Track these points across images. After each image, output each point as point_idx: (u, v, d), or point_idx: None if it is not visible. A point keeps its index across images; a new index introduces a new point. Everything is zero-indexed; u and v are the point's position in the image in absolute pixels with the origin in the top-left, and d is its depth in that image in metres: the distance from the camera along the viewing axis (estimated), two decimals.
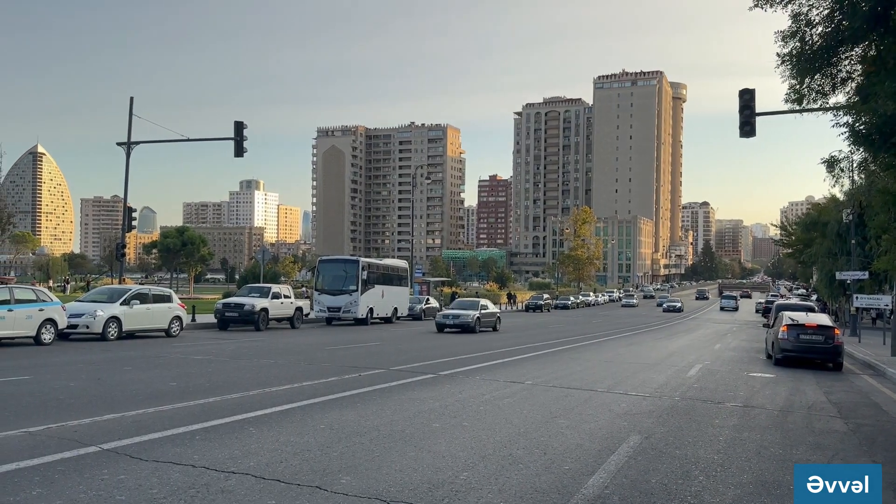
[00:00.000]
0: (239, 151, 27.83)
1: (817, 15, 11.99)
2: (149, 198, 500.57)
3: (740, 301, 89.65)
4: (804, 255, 61.48)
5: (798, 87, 12.96)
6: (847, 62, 12.67)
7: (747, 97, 20.05)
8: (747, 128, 20.05)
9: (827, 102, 13.71)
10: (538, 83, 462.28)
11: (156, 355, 16.00)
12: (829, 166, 16.10)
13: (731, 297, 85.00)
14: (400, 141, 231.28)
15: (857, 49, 12.38)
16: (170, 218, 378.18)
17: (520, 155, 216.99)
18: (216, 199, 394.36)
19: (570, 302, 72.53)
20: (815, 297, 65.47)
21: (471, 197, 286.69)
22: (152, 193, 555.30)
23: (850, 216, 35.71)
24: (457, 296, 54.31)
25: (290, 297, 29.15)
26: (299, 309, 29.26)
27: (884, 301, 28.88)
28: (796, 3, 12.03)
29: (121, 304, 20.32)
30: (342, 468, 6.11)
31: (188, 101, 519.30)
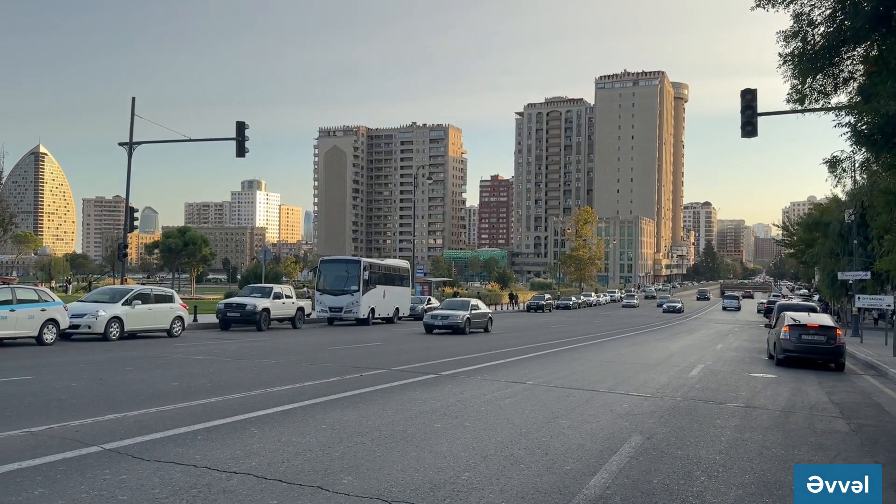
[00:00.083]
0: (240, 151, 27.87)
1: (819, 15, 11.99)
2: (151, 198, 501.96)
3: (742, 301, 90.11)
4: (806, 256, 61.38)
5: (800, 87, 12.95)
6: (849, 62, 12.65)
7: (749, 97, 20.05)
8: (749, 128, 20.04)
9: (829, 102, 13.70)
10: (539, 83, 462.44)
11: (157, 355, 16.02)
12: (832, 166, 16.10)
13: (734, 297, 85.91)
14: (401, 141, 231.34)
15: (859, 49, 12.37)
16: (172, 218, 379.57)
17: (521, 155, 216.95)
18: (218, 199, 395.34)
19: (571, 302, 72.58)
20: (816, 298, 65.40)
21: (472, 197, 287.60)
22: (154, 193, 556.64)
23: (853, 216, 35.68)
24: (458, 296, 54.38)
25: (291, 298, 29.19)
26: (301, 309, 29.29)
27: (886, 301, 28.80)
28: (798, 3, 12.02)
29: (123, 305, 20.35)
30: (344, 468, 6.12)
31: (190, 101, 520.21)
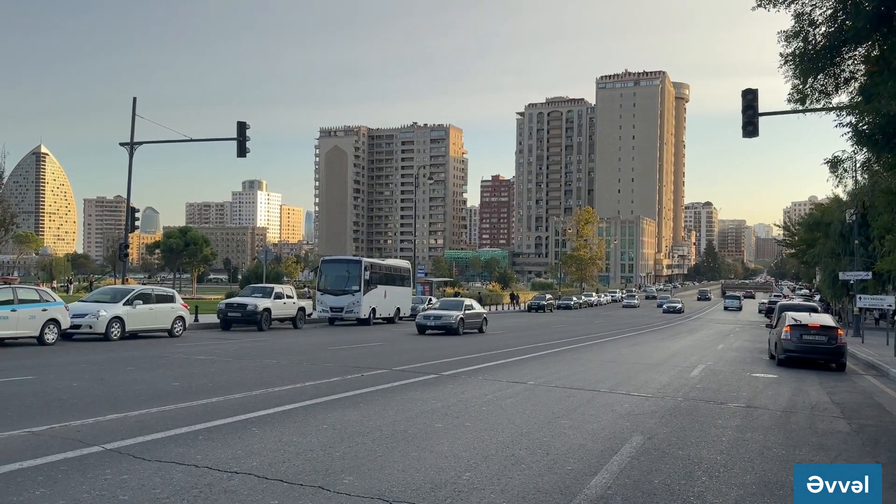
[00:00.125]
0: (241, 152, 27.88)
1: (820, 15, 11.99)
2: (152, 198, 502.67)
3: (743, 301, 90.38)
4: (807, 256, 61.35)
5: (801, 87, 12.95)
6: (850, 62, 12.65)
7: (750, 97, 20.04)
8: (750, 128, 20.03)
9: (830, 102, 13.69)
10: (540, 83, 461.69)
11: (159, 355, 16.03)
12: (833, 166, 16.10)
13: (735, 297, 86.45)
14: (402, 141, 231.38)
15: (860, 49, 12.37)
16: (173, 218, 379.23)
17: (522, 155, 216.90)
18: (219, 199, 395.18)
19: (572, 302, 72.58)
20: (818, 298, 65.31)
21: (473, 197, 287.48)
22: (155, 193, 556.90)
23: (854, 216, 35.66)
24: (459, 296, 54.37)
25: (292, 298, 29.20)
26: (302, 309, 29.30)
27: (887, 301, 28.79)
28: (799, 2, 12.02)
29: (124, 305, 20.37)
30: (345, 468, 6.12)
31: (191, 101, 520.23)
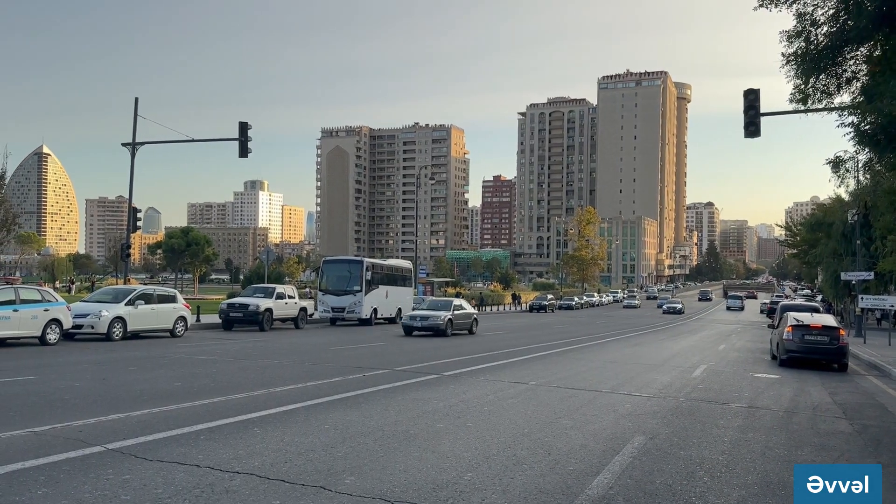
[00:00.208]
0: (243, 152, 27.91)
1: (822, 15, 12.00)
2: (153, 198, 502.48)
3: (745, 301, 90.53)
4: (809, 256, 61.41)
5: (803, 86, 12.96)
6: (852, 62, 12.66)
7: (752, 97, 20.02)
8: (752, 128, 20.01)
9: (832, 102, 13.71)
10: (542, 83, 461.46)
11: (160, 355, 16.04)
12: (835, 167, 16.14)
13: (737, 297, 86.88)
14: (404, 141, 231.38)
15: (862, 49, 12.37)
16: (174, 218, 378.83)
17: (524, 155, 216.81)
18: (220, 199, 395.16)
19: (574, 302, 72.55)
20: (820, 298, 65.28)
21: (475, 197, 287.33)
22: (157, 194, 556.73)
23: (856, 216, 35.64)
24: (461, 296, 54.37)
25: (294, 298, 29.21)
26: (303, 309, 29.32)
27: (889, 302, 28.77)
28: (801, 2, 12.04)
29: (125, 305, 20.39)
30: (346, 468, 6.12)
31: (192, 101, 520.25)
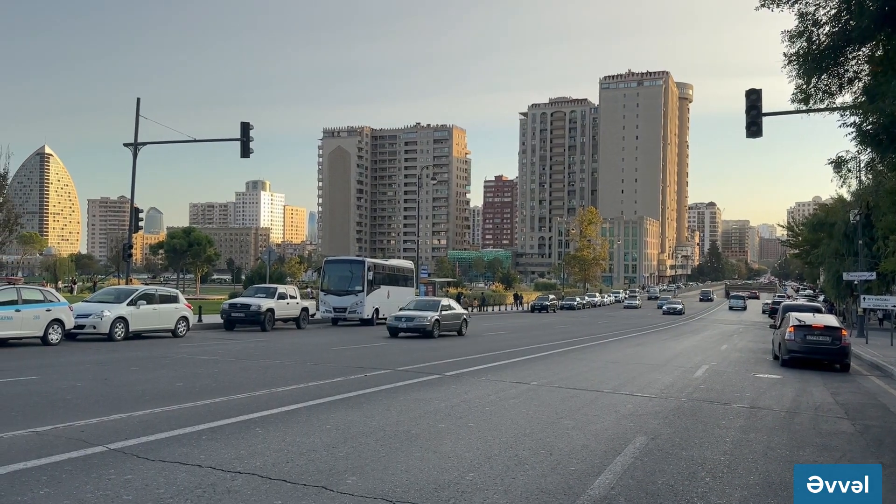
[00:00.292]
0: (245, 152, 27.94)
1: (824, 14, 11.99)
2: (155, 198, 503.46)
3: (748, 301, 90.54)
4: (811, 256, 61.32)
5: (805, 86, 12.96)
6: (854, 62, 12.65)
7: (754, 97, 20.01)
8: (754, 128, 20.00)
9: (834, 102, 13.70)
10: (543, 84, 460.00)
11: (162, 356, 16.06)
12: (837, 167, 16.11)
13: (740, 297, 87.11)
14: (405, 142, 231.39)
15: (864, 49, 12.37)
16: (176, 218, 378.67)
17: (525, 155, 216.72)
18: (222, 199, 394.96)
19: (575, 303, 72.54)
20: (822, 298, 65.21)
21: (476, 197, 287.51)
22: (159, 194, 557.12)
23: (858, 217, 35.58)
24: (462, 296, 54.41)
25: (295, 298, 29.22)
26: (305, 309, 29.33)
27: (891, 302, 28.71)
28: (803, 2, 12.04)
29: (127, 305, 20.41)
30: (348, 468, 6.12)
31: (194, 101, 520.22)
